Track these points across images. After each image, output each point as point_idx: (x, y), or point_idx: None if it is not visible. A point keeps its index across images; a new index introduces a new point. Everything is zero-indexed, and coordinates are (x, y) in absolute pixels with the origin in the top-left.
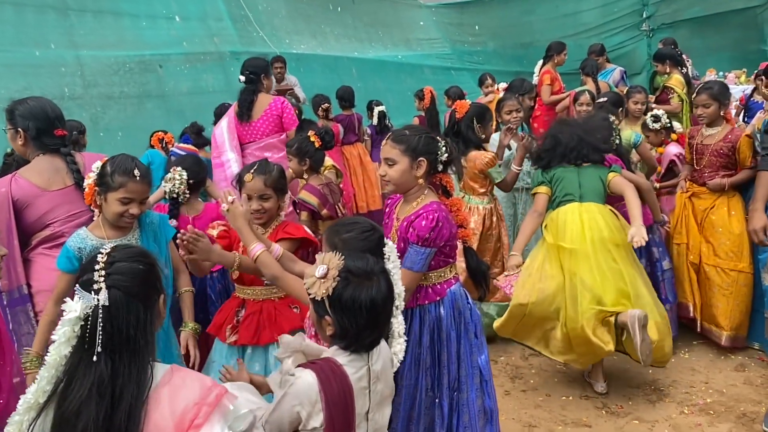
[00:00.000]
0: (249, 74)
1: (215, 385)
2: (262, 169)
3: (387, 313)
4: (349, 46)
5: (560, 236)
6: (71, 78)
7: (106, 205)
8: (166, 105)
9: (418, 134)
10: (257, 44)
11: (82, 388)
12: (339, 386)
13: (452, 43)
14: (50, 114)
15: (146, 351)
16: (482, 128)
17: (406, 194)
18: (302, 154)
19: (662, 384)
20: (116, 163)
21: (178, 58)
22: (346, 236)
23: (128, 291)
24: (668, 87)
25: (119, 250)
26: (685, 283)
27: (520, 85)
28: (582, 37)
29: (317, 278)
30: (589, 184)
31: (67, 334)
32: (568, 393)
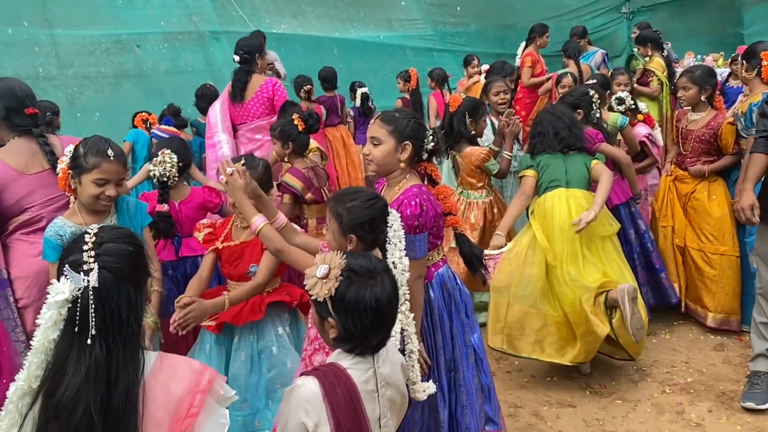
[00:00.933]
0: (243, 54)
1: (204, 368)
2: (249, 164)
3: (393, 312)
4: (330, 26)
5: (547, 222)
6: (46, 58)
7: (81, 188)
8: (144, 85)
9: (407, 118)
10: (236, 23)
11: (77, 373)
12: (344, 391)
13: (434, 24)
14: (18, 93)
15: (138, 335)
16: (474, 123)
17: (388, 178)
18: (285, 137)
19: (644, 364)
20: (89, 144)
21: (155, 37)
22: (350, 205)
23: (118, 272)
24: (649, 70)
25: (106, 231)
26: (671, 265)
27: (501, 67)
28: (563, 19)
29: (318, 279)
30: (574, 171)
31: (54, 318)
32: (553, 374)
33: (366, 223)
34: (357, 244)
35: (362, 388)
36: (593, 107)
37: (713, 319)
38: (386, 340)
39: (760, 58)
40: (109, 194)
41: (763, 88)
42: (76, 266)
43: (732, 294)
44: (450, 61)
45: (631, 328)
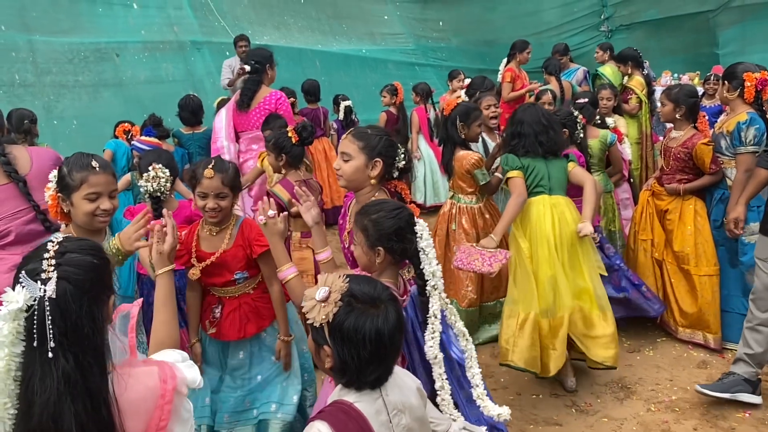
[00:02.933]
0: (254, 64)
1: (165, 374)
2: (220, 167)
3: (395, 346)
4: (313, 38)
5: (532, 230)
6: (23, 64)
7: (75, 209)
8: (123, 94)
9: (379, 135)
10: (219, 34)
11: (45, 390)
12: (357, 428)
13: (416, 38)
14: None
15: (104, 351)
16: (465, 127)
17: (357, 194)
18: (279, 149)
19: (629, 381)
20: (71, 161)
21: (135, 46)
22: (375, 216)
23: (79, 285)
24: (628, 87)
25: (71, 241)
26: (650, 277)
27: (481, 83)
28: (543, 36)
29: (317, 302)
30: (556, 176)
31: (6, 331)
32: (539, 391)
33: (393, 234)
34: (385, 256)
35: (374, 420)
36: (578, 127)
37: (684, 333)
38: (386, 377)
39: (741, 78)
40: (105, 208)
41: (745, 108)
42: (34, 275)
43: (711, 312)
44: (432, 76)
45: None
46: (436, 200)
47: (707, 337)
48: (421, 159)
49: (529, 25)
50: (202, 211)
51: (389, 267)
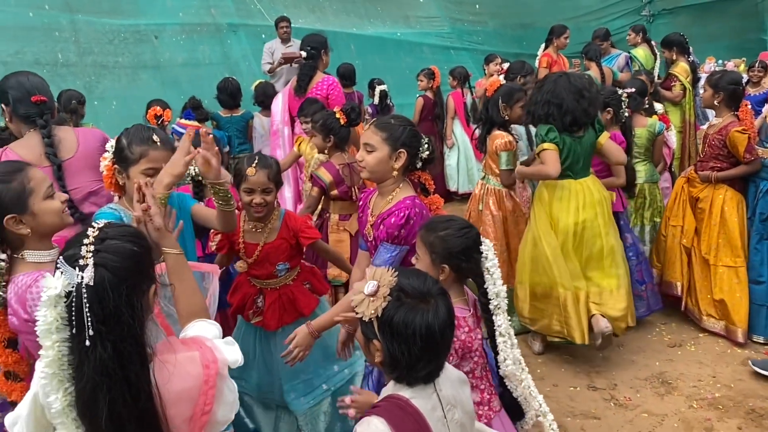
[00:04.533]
0: (310, 50)
1: (206, 359)
2: (264, 163)
3: (446, 341)
4: (348, 21)
5: (552, 217)
6: (65, 44)
7: (130, 182)
8: (161, 76)
9: (402, 125)
10: (255, 17)
11: (82, 378)
12: (414, 425)
13: (452, 21)
14: (26, 83)
15: (144, 341)
16: (508, 107)
17: (380, 186)
18: (327, 130)
19: (670, 377)
20: (131, 134)
21: (173, 28)
22: (443, 234)
23: (117, 272)
24: (672, 74)
25: (113, 227)
26: (676, 263)
27: (521, 67)
28: (582, 21)
29: (366, 296)
30: (585, 155)
31: (49, 318)
32: (576, 383)
33: (460, 253)
34: (450, 274)
35: (430, 416)
36: (623, 106)
37: (708, 323)
38: (437, 372)
39: None
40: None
41: None
42: (72, 261)
43: (733, 304)
44: (467, 60)
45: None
46: (470, 187)
47: (730, 329)
48: (455, 145)
49: (568, 8)
50: (247, 207)
51: (453, 284)
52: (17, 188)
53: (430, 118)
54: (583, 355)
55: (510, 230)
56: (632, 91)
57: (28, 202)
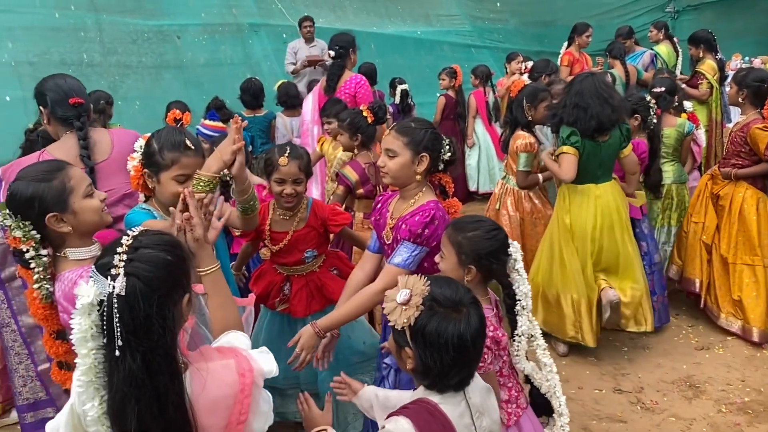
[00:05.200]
0: (339, 49)
1: (242, 367)
2: (295, 154)
3: (477, 350)
4: (368, 20)
5: (572, 222)
6: (90, 44)
7: (160, 186)
8: (183, 76)
9: (423, 128)
10: (276, 17)
11: (112, 388)
12: (440, 430)
13: (472, 19)
14: (63, 86)
15: (175, 352)
16: (532, 108)
17: (402, 190)
18: (354, 128)
19: (697, 380)
20: (163, 137)
21: (195, 29)
22: (471, 235)
23: (149, 282)
24: (699, 72)
25: (148, 235)
26: (696, 259)
27: (545, 66)
28: (605, 18)
29: (398, 304)
30: (608, 160)
31: (84, 326)
32: (601, 386)
33: (489, 255)
34: (476, 275)
35: (458, 423)
36: (651, 113)
37: (725, 321)
38: (468, 380)
39: None
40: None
41: None
42: (105, 269)
43: (750, 303)
44: (488, 58)
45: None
46: (491, 187)
47: (746, 328)
48: (476, 145)
49: (590, 5)
50: (278, 197)
51: (478, 285)
52: (58, 187)
53: (452, 117)
54: (609, 357)
55: (527, 232)
56: (662, 90)
57: (69, 201)
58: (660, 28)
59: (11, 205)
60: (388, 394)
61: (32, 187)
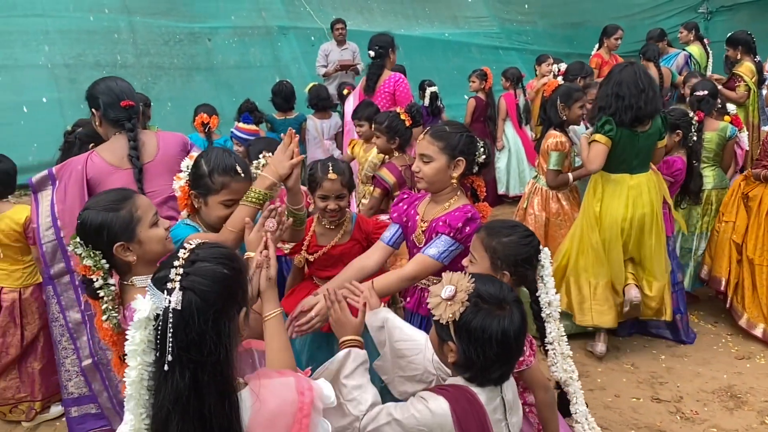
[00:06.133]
0: (378, 49)
1: (302, 386)
2: (338, 170)
3: (519, 346)
4: (396, 22)
5: (603, 210)
6: (124, 46)
7: (207, 209)
8: (214, 78)
9: (459, 132)
10: (304, 19)
11: (157, 404)
12: (477, 420)
13: (500, 21)
14: (115, 88)
15: (231, 369)
16: (566, 108)
17: (436, 194)
18: (393, 132)
19: (739, 390)
20: (213, 161)
21: (226, 31)
22: (506, 240)
23: (205, 297)
24: (736, 74)
25: (205, 248)
26: (724, 258)
27: (580, 68)
28: (636, 19)
29: (443, 299)
30: (645, 150)
31: (137, 339)
32: (638, 394)
33: (525, 261)
34: (510, 280)
35: (492, 417)
36: (692, 130)
37: (744, 322)
38: (508, 374)
39: None
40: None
41: None
42: (161, 283)
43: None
44: (516, 60)
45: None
46: (521, 190)
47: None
48: (506, 147)
49: (620, 6)
50: (322, 212)
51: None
52: (126, 217)
53: (482, 120)
54: (645, 365)
55: (551, 233)
56: (705, 93)
57: (136, 231)
58: (690, 29)
59: (82, 234)
60: (403, 325)
61: (101, 216)
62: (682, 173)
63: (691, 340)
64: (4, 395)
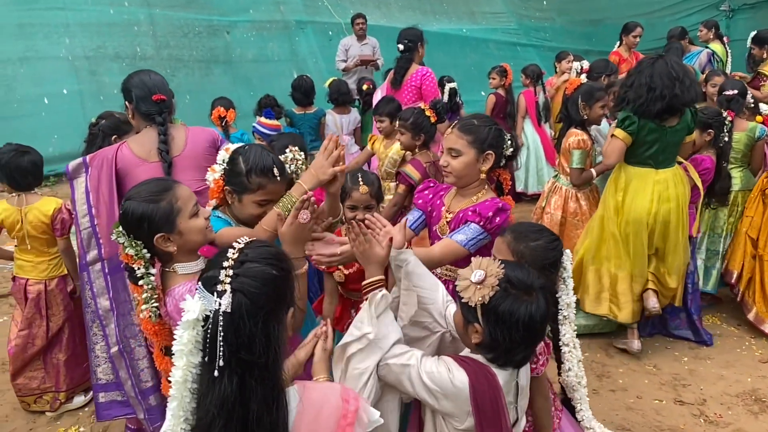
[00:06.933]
0: (407, 42)
1: (347, 394)
2: (367, 181)
3: (543, 331)
4: (413, 17)
5: (627, 205)
6: (143, 38)
7: (240, 206)
8: (232, 71)
9: (487, 125)
10: (322, 14)
11: (203, 409)
12: (492, 398)
13: (518, 17)
14: (148, 82)
15: (279, 371)
16: (587, 107)
17: (464, 188)
18: (418, 128)
19: (763, 394)
20: (251, 160)
21: (244, 25)
22: (534, 245)
23: (255, 299)
24: (762, 73)
25: (253, 248)
26: (738, 251)
27: (605, 66)
28: (655, 16)
29: (473, 283)
30: (672, 145)
31: (185, 339)
32: (661, 396)
33: (551, 266)
34: None
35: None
36: (724, 130)
37: (755, 316)
38: (529, 358)
39: None
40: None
41: None
42: (211, 284)
43: None
44: (534, 57)
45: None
46: (539, 188)
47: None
48: (525, 145)
49: (640, 3)
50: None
51: None
52: (166, 208)
53: (502, 116)
54: (668, 367)
55: (566, 233)
56: (734, 93)
57: (176, 222)
58: (710, 28)
59: (124, 224)
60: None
61: (142, 207)
62: (710, 173)
63: (709, 341)
64: (29, 386)
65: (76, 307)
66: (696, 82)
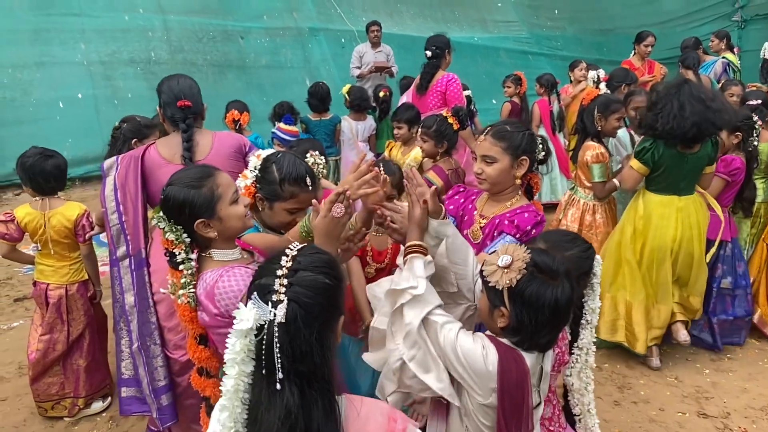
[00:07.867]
0: (435, 49)
1: (395, 414)
2: (388, 170)
3: (567, 316)
4: (425, 26)
5: (652, 233)
6: (158, 43)
7: (271, 213)
8: (246, 77)
9: (520, 131)
10: (335, 21)
11: (268, 423)
12: (518, 380)
13: (530, 26)
14: (175, 88)
15: (333, 381)
16: (603, 118)
17: (497, 194)
18: (441, 136)
19: None
20: (285, 168)
21: (258, 31)
22: (568, 254)
23: (309, 309)
24: None
25: (306, 255)
26: (756, 259)
27: (625, 75)
28: (667, 26)
29: (500, 267)
30: (691, 173)
31: (237, 348)
32: (684, 409)
33: (585, 274)
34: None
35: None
36: (754, 134)
37: (759, 318)
38: (554, 342)
39: None
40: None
41: None
42: (264, 292)
43: None
44: (545, 66)
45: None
46: (553, 197)
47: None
48: None
49: (651, 13)
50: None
51: None
52: (207, 194)
53: None
54: (689, 379)
55: None
56: (758, 103)
57: (216, 208)
58: (722, 38)
59: (165, 209)
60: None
61: (183, 193)
62: (740, 173)
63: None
64: (48, 391)
65: (96, 312)
66: (727, 106)
